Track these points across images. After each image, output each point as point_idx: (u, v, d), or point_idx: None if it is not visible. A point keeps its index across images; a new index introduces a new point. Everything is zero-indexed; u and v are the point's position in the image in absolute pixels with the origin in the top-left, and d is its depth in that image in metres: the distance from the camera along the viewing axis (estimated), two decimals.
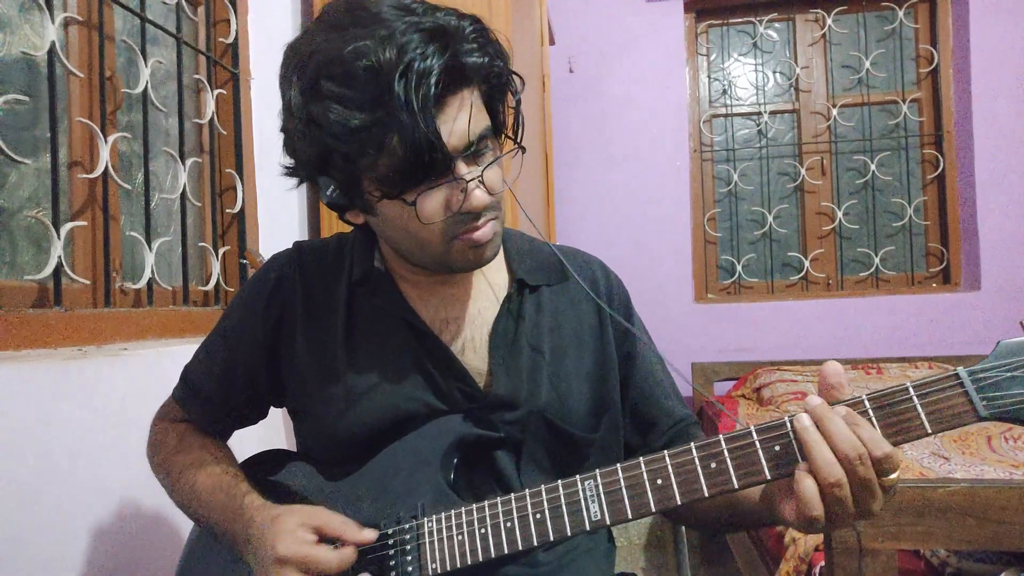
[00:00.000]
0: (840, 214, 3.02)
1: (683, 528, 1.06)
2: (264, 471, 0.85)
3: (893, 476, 0.57)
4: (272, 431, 1.54)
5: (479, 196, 0.69)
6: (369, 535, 0.70)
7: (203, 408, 0.86)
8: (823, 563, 1.21)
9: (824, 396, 0.61)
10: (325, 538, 0.69)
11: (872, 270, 3.00)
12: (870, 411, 0.59)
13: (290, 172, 0.76)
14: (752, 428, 0.61)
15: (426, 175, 0.66)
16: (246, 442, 0.95)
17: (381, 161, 0.66)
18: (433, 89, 0.62)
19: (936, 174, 2.96)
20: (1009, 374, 0.56)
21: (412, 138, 0.63)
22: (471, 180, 0.68)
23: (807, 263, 3.03)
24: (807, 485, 0.57)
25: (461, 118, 0.67)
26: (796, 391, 2.44)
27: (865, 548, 0.94)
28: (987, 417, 0.56)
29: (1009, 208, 2.77)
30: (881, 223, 3.02)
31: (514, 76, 0.74)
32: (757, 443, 0.61)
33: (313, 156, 0.69)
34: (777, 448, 0.60)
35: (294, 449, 0.90)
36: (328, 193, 0.72)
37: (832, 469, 0.56)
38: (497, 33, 0.72)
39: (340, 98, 0.64)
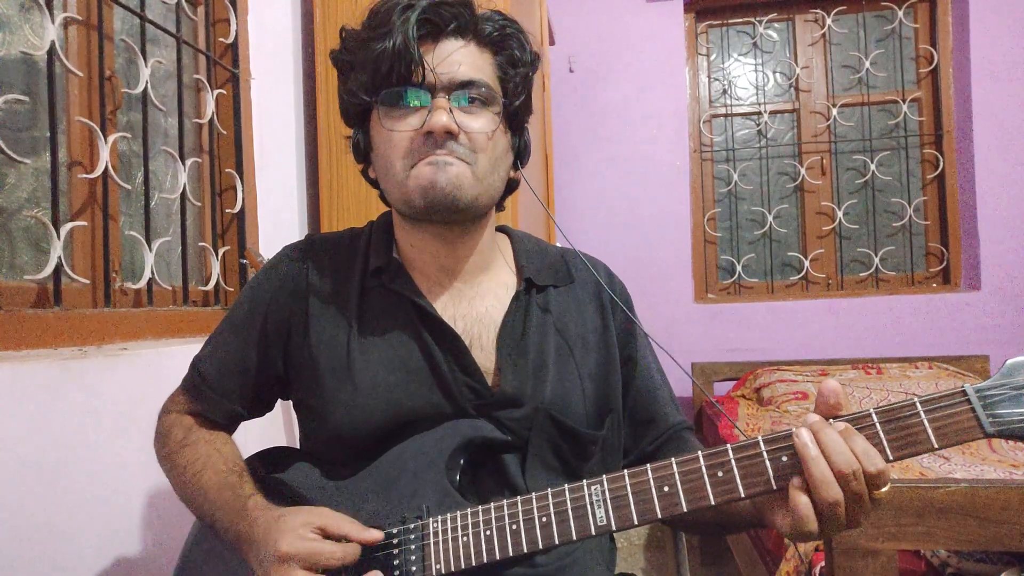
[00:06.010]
0: (840, 214, 3.02)
1: None
2: (268, 468, 0.85)
3: (883, 491, 0.58)
4: (272, 427, 1.54)
5: (442, 116, 0.73)
6: (375, 535, 0.70)
7: (212, 398, 0.86)
8: (823, 563, 1.21)
9: (824, 415, 0.61)
10: (330, 537, 0.69)
11: (872, 270, 3.00)
12: (877, 425, 0.59)
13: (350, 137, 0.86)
14: (760, 438, 0.61)
15: (399, 77, 0.74)
16: (247, 438, 0.94)
17: (377, 68, 0.75)
18: (420, 13, 0.73)
19: (936, 174, 2.96)
20: (1015, 392, 0.56)
21: (394, 44, 0.73)
22: (439, 99, 0.74)
23: (807, 263, 3.03)
24: (803, 502, 0.58)
25: (455, 56, 0.75)
26: (796, 391, 2.44)
27: (865, 548, 0.94)
28: (993, 434, 0.56)
29: (1009, 208, 2.77)
30: (881, 223, 3.02)
31: (527, 52, 0.81)
32: (764, 453, 0.61)
33: (344, 94, 0.81)
34: (784, 459, 0.60)
35: (293, 445, 0.90)
36: (353, 135, 0.83)
37: (831, 489, 0.57)
38: (530, 35, 0.82)
39: (361, 28, 0.78)
